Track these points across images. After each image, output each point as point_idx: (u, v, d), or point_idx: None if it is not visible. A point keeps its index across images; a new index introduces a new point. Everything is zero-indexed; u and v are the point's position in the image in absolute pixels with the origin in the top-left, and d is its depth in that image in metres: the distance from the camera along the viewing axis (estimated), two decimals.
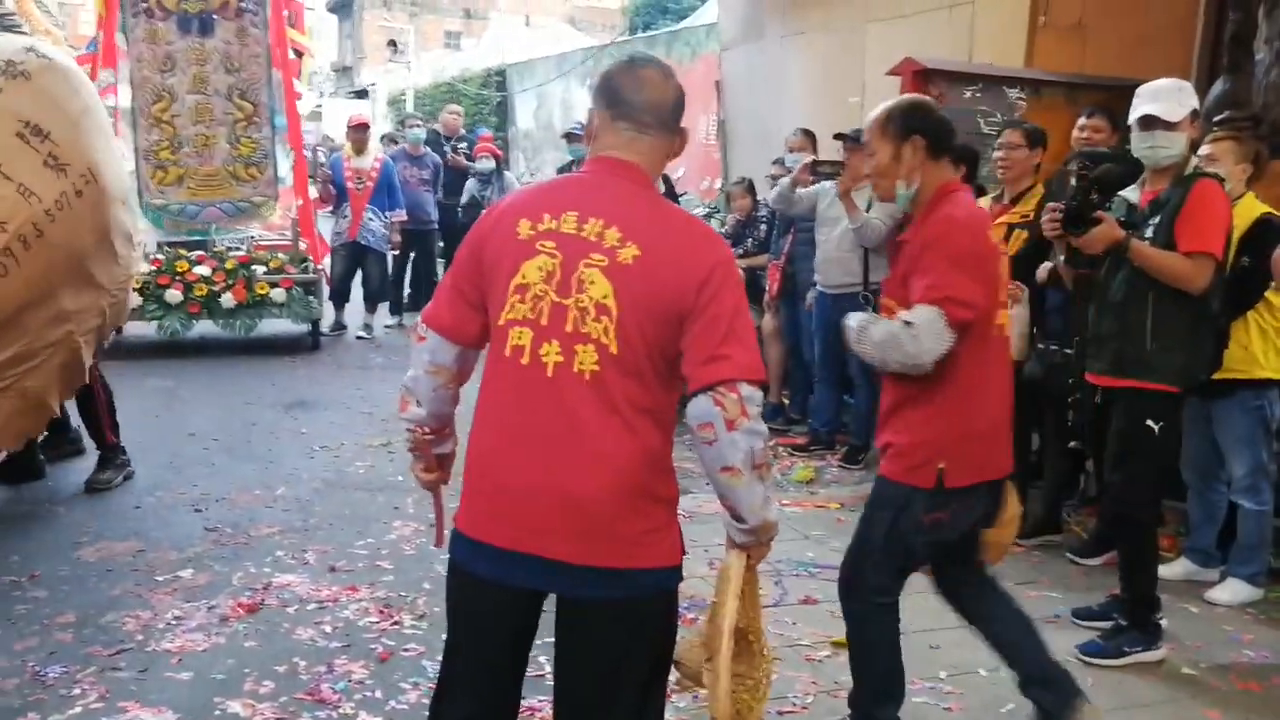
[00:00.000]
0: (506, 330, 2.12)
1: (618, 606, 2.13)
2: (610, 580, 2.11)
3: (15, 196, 4.23)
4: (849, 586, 3.01)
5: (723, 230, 8.52)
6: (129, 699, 3.29)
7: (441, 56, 30.57)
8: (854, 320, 2.90)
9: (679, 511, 2.32)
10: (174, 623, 3.85)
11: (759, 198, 7.66)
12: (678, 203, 7.96)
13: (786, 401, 7.21)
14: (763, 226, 7.38)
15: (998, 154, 5.13)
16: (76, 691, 3.34)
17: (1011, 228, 5.03)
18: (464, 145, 10.82)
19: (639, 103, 2.19)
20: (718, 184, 10.86)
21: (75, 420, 5.63)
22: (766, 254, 7.22)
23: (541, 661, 3.63)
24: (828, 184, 6.08)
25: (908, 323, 2.71)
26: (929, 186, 2.89)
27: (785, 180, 6.35)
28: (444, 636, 3.73)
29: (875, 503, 2.98)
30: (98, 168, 4.58)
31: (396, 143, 11.58)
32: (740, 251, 7.46)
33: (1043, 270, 4.75)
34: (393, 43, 35.21)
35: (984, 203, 5.29)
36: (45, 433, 5.34)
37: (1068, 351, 4.55)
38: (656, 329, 2.07)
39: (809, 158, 6.42)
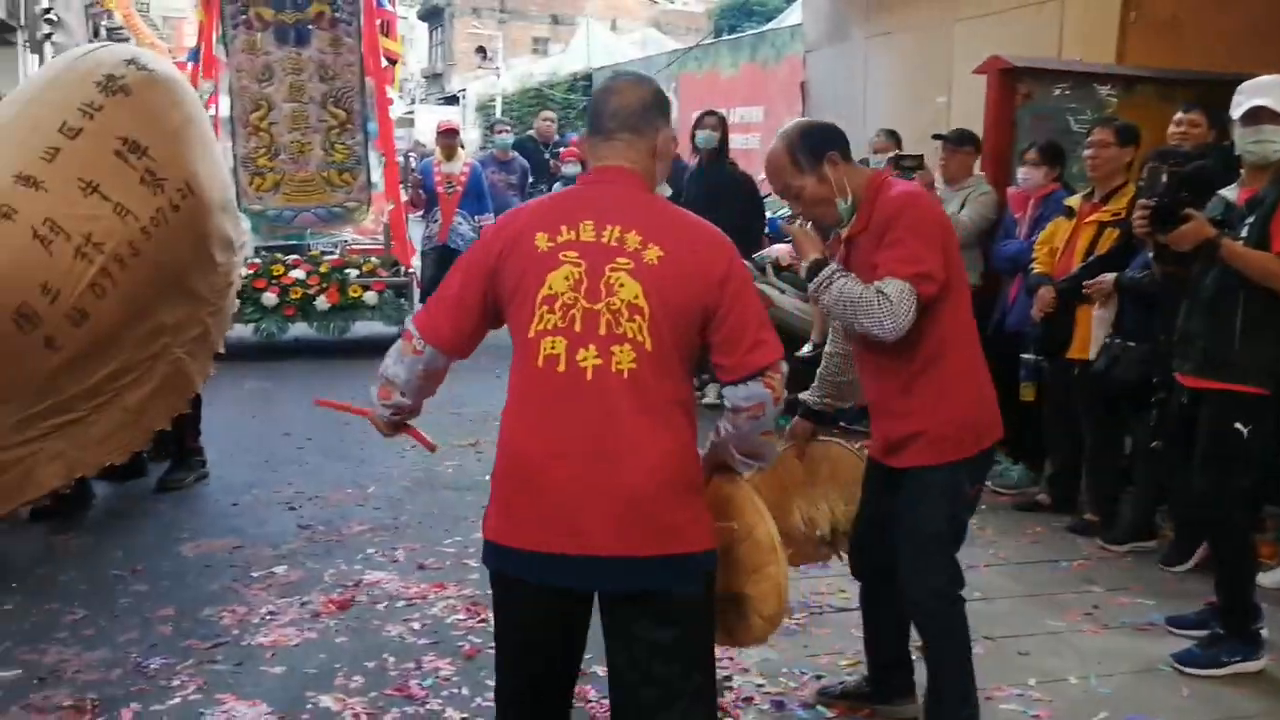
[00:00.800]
0: (538, 342, 2.19)
1: (670, 594, 2.20)
2: (663, 569, 2.17)
3: (112, 216, 4.31)
4: (924, 590, 2.93)
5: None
6: (226, 691, 3.40)
7: (529, 62, 30.89)
8: (825, 269, 2.86)
9: None
10: (268, 618, 3.96)
11: None
12: (763, 204, 7.95)
13: None
14: None
15: (1087, 152, 5.03)
16: (176, 683, 3.45)
17: (1103, 226, 4.92)
18: (561, 150, 10.97)
19: (609, 111, 2.32)
20: None
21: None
22: None
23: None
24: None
25: (882, 292, 2.70)
26: (860, 187, 2.91)
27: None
28: None
29: (922, 496, 2.90)
30: (196, 179, 4.66)
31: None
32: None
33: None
34: (482, 49, 35.69)
35: (1074, 201, 5.18)
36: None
37: (1133, 345, 4.48)
38: (685, 324, 2.20)
39: (888, 158, 6.35)
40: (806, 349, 7.05)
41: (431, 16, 43.15)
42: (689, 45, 16.62)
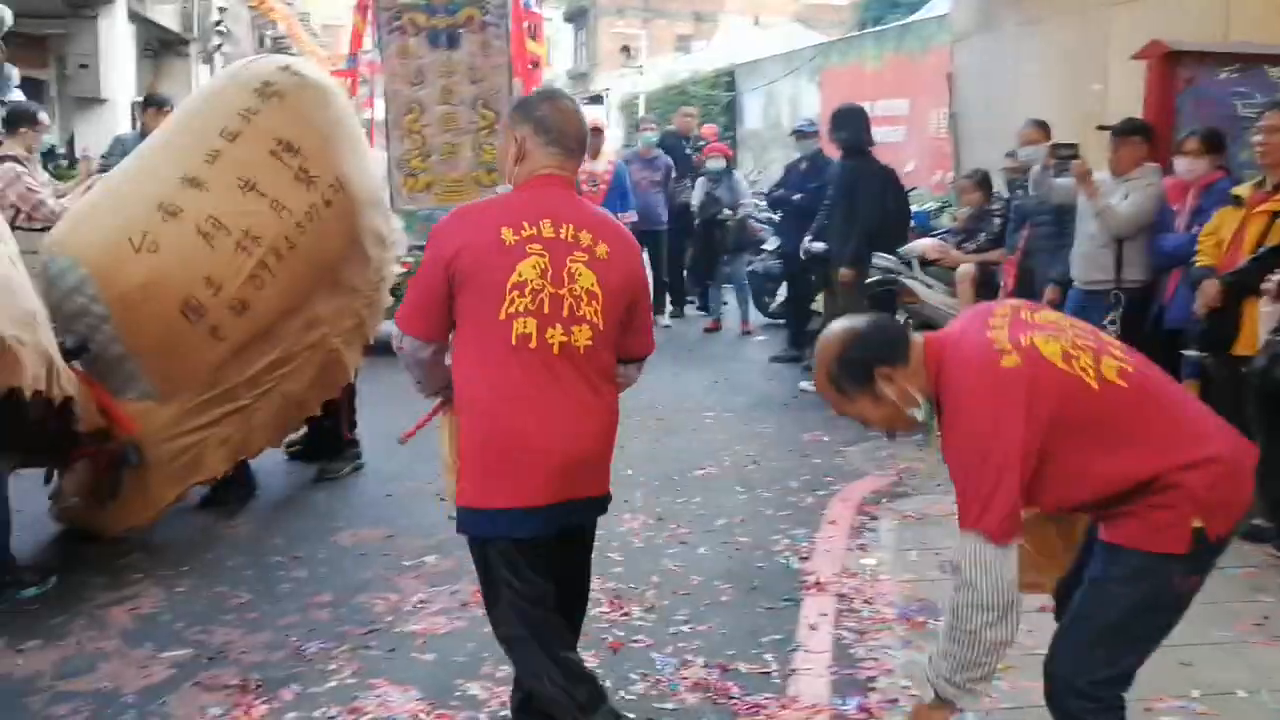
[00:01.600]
0: (509, 323, 2.60)
1: (595, 522, 2.92)
2: (604, 503, 2.87)
3: (269, 212, 4.58)
4: (1071, 685, 2.42)
5: (953, 225, 8.26)
6: (379, 676, 3.52)
7: (672, 60, 30.96)
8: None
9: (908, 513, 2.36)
10: (419, 606, 4.08)
11: (994, 191, 7.40)
12: (906, 198, 7.80)
13: None
14: (996, 221, 7.12)
15: (1257, 138, 4.76)
16: (333, 666, 3.60)
17: (1275, 216, 4.65)
18: (703, 144, 10.97)
19: (570, 133, 2.74)
20: (949, 178, 10.54)
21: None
22: (1001, 249, 6.95)
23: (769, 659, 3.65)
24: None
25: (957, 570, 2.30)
26: (925, 379, 2.41)
27: (1037, 167, 6.10)
28: (670, 630, 3.82)
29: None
30: (346, 176, 4.88)
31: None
32: (973, 247, 7.22)
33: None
34: (626, 48, 35.97)
35: (1242, 190, 4.91)
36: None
37: None
38: (621, 310, 2.73)
39: (1042, 149, 6.15)
40: None
41: (576, 17, 43.67)
42: (833, 39, 16.40)
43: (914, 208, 9.29)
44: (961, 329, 2.44)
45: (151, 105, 8.10)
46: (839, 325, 2.50)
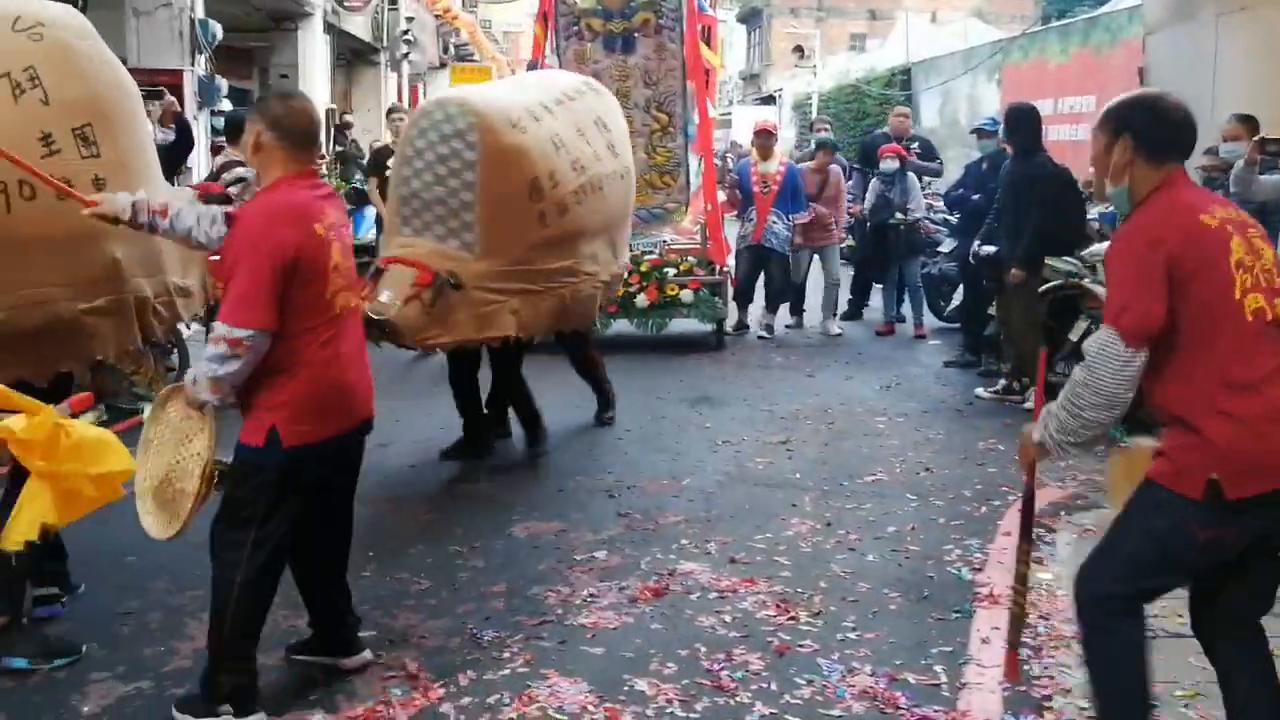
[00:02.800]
0: (334, 299, 3.26)
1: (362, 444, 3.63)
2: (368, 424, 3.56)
3: (591, 155, 5.75)
4: (1087, 590, 2.80)
5: None
6: (550, 667, 3.62)
7: (846, 59, 30.57)
8: None
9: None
10: (589, 600, 4.17)
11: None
12: (1081, 200, 7.49)
13: None
14: None
15: None
16: (506, 655, 3.72)
17: None
18: (915, 145, 10.76)
19: (314, 134, 3.41)
20: None
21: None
22: None
23: (938, 671, 3.59)
24: None
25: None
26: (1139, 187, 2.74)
27: (1240, 164, 5.78)
28: (837, 637, 3.79)
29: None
30: (631, 170, 6.32)
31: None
32: None
33: None
34: (799, 48, 35.70)
35: None
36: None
37: None
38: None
39: (1245, 145, 5.82)
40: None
41: (750, 18, 43.60)
42: (1014, 34, 15.87)
43: (1099, 209, 8.91)
44: (1198, 195, 2.75)
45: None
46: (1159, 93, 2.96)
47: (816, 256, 10.27)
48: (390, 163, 5.94)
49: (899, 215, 9.80)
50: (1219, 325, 2.57)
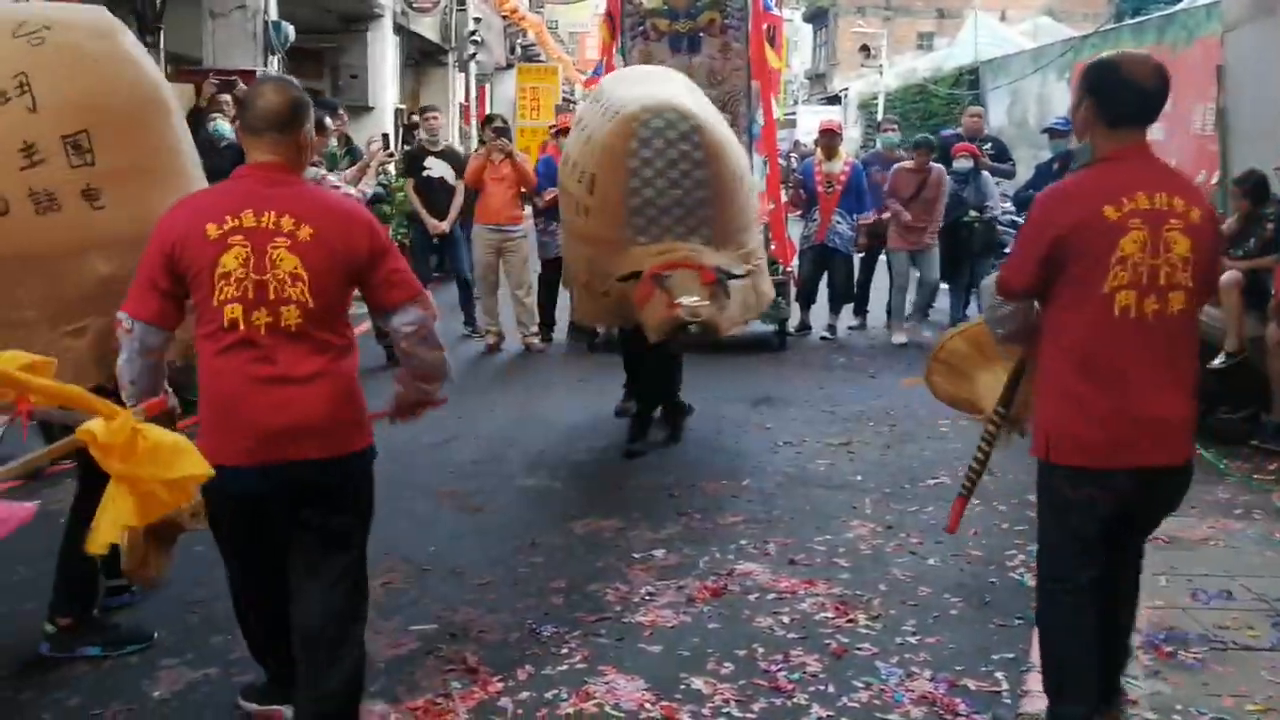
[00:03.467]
0: (221, 309, 2.81)
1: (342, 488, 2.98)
2: (339, 464, 2.93)
3: (737, 146, 5.98)
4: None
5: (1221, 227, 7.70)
6: (608, 664, 3.63)
7: (913, 58, 30.26)
8: None
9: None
10: (647, 598, 4.19)
11: (1272, 194, 6.84)
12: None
13: None
14: (1269, 225, 6.57)
15: None
16: (564, 650, 3.74)
17: None
18: (988, 145, 10.62)
19: (259, 114, 2.89)
20: (1214, 179, 9.82)
21: None
22: (1273, 255, 6.43)
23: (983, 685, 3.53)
24: None
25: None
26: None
27: None
28: (896, 641, 3.77)
29: None
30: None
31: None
32: (1240, 253, 6.71)
33: None
34: (865, 47, 35.39)
35: None
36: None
37: None
38: (338, 283, 2.89)
39: None
40: (1220, 359, 6.43)
41: (816, 18, 43.35)
42: (1085, 32, 15.60)
43: None
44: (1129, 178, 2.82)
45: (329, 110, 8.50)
46: (1132, 57, 3.19)
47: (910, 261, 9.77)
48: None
49: (974, 213, 9.67)
50: (1084, 312, 2.79)
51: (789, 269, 9.49)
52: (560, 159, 6.80)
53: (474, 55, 19.58)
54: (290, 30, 11.42)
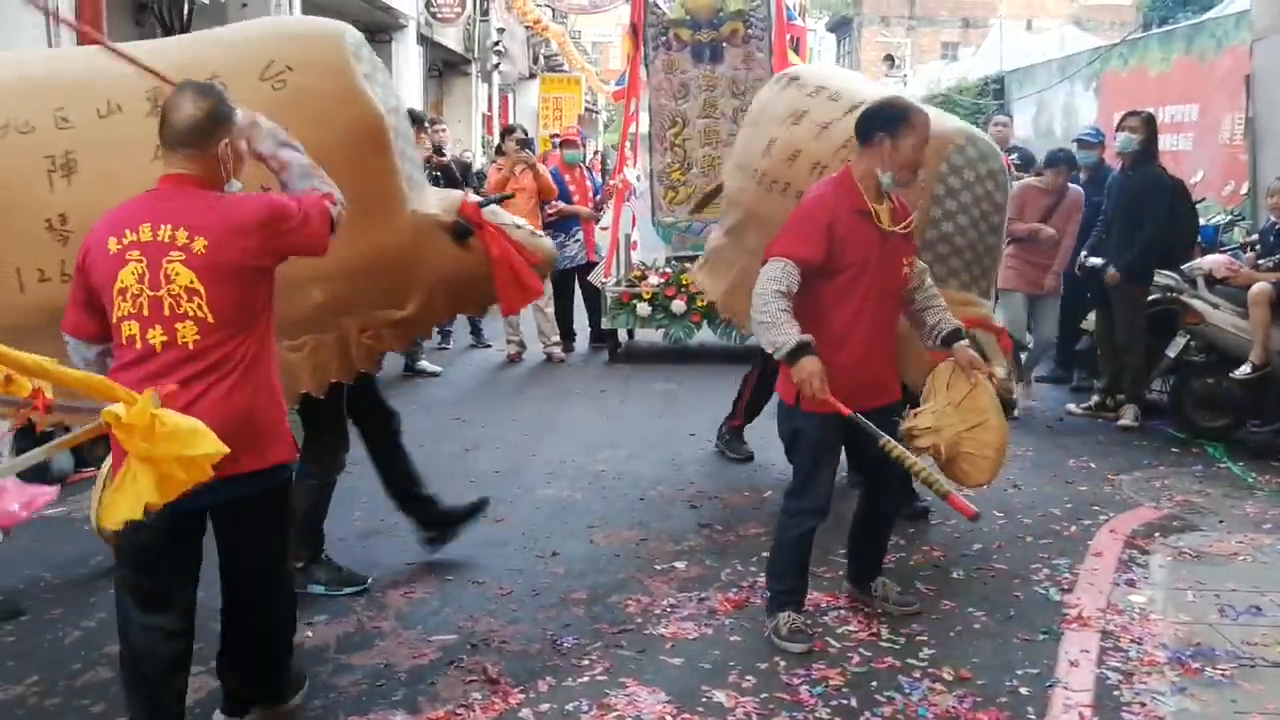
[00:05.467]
0: (120, 325, 2.83)
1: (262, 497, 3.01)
2: (262, 476, 2.96)
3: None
4: None
5: (1249, 239, 7.65)
6: (629, 675, 3.63)
7: (938, 68, 30.15)
8: None
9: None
10: (668, 610, 4.17)
11: None
12: (1195, 211, 7.24)
13: None
14: None
15: None
16: (585, 662, 3.74)
17: None
18: (1014, 156, 10.58)
19: (172, 128, 2.86)
20: (1243, 189, 9.74)
21: None
22: None
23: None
24: None
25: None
26: None
27: None
28: (921, 655, 3.74)
29: None
30: None
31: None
32: (1271, 264, 6.64)
33: None
34: (889, 57, 35.30)
35: None
36: None
37: None
38: (244, 292, 2.85)
39: None
40: (1244, 369, 6.37)
41: (840, 27, 43.29)
42: (1113, 42, 15.51)
43: (1201, 221, 8.64)
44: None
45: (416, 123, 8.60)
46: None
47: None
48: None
49: None
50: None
51: None
52: (742, 149, 5.53)
53: (497, 65, 19.67)
54: None
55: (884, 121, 3.75)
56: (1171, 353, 6.82)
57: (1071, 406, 7.44)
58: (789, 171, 5.01)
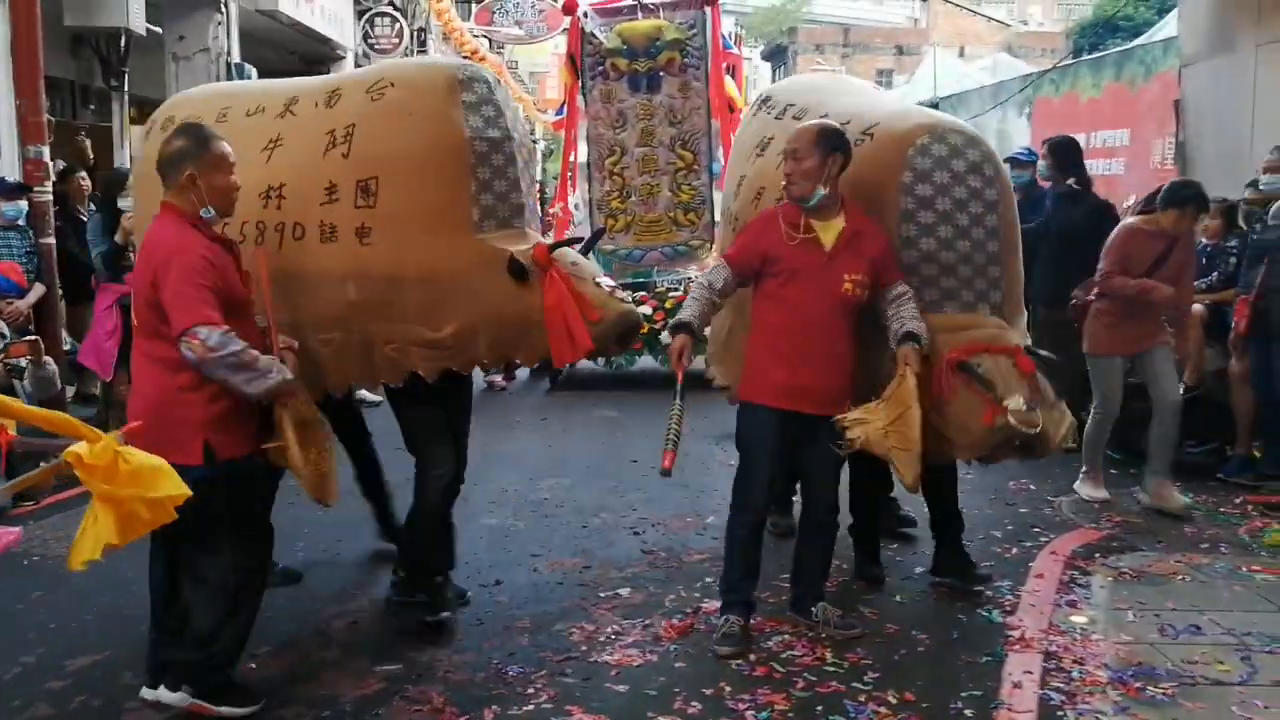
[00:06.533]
0: None
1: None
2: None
3: None
4: None
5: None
6: (574, 704, 3.57)
7: None
8: None
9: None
10: (613, 637, 4.13)
11: (1236, 226, 6.89)
12: (1107, 217, 7.36)
13: (1258, 455, 6.42)
14: (1232, 259, 6.64)
15: None
16: (531, 690, 3.68)
17: None
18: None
19: (159, 162, 3.46)
20: None
21: None
22: (1234, 288, 6.50)
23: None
24: None
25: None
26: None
27: None
28: (865, 678, 3.73)
29: None
30: None
31: None
32: (1204, 285, 6.77)
33: None
34: None
35: None
36: None
37: None
38: (150, 309, 3.34)
39: None
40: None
41: (775, 55, 43.84)
42: (1044, 68, 15.86)
43: None
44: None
45: None
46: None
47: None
48: None
49: None
50: None
51: None
52: (724, 183, 5.53)
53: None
54: (253, 72, 11.42)
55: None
56: None
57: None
58: (755, 211, 4.52)
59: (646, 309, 9.16)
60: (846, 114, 4.47)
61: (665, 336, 3.66)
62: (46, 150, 7.14)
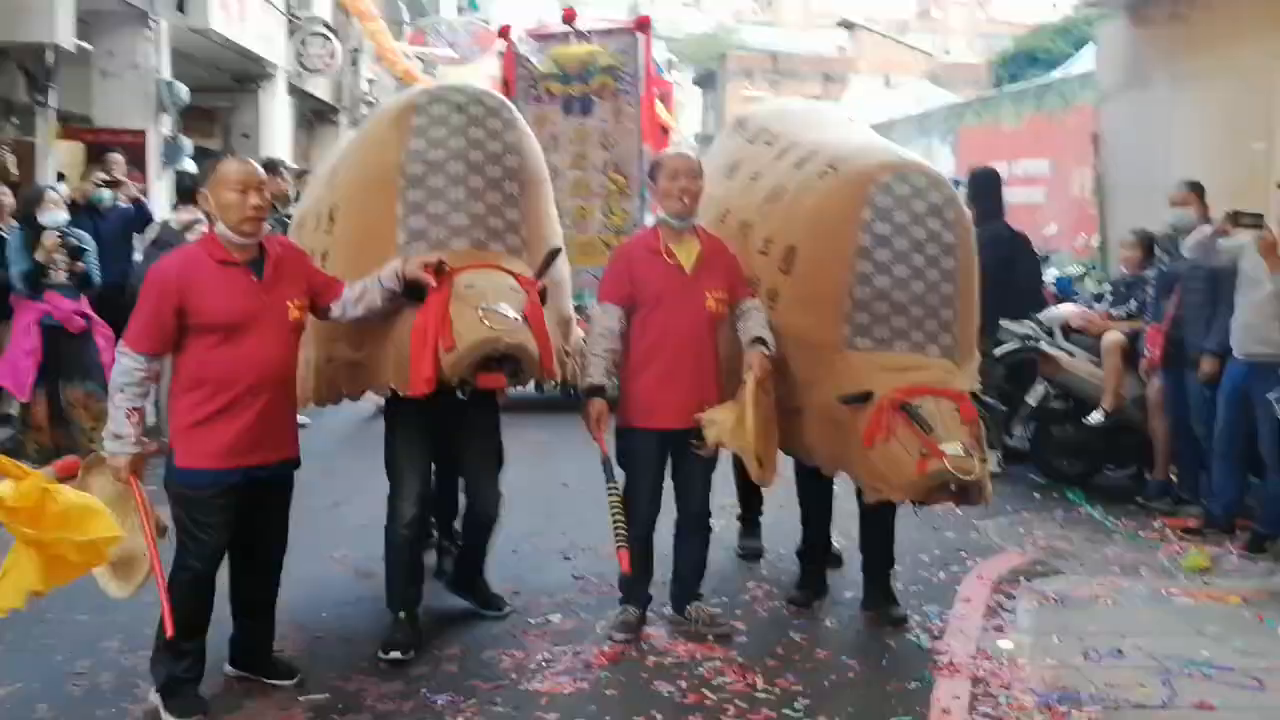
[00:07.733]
0: None
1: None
2: None
3: None
4: None
5: (1102, 289, 8.00)
6: None
7: None
8: None
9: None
10: (544, 664, 4.08)
11: (1155, 256, 7.05)
12: (1038, 263, 7.51)
13: (1174, 479, 6.58)
14: (1149, 289, 6.82)
15: None
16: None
17: None
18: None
19: None
20: (1094, 241, 10.25)
21: None
22: (1146, 318, 6.68)
23: None
24: (1250, 238, 5.51)
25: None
26: None
27: (1207, 229, 5.85)
28: (796, 705, 3.73)
29: None
30: None
31: None
32: (1124, 313, 6.94)
33: None
34: None
35: None
36: None
37: None
38: None
39: (1194, 211, 5.94)
40: (1096, 415, 6.63)
41: (705, 81, 44.32)
42: (967, 98, 16.21)
43: (1055, 273, 9.00)
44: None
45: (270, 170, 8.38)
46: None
47: None
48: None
49: None
50: None
51: None
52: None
53: (366, 116, 19.41)
54: (184, 90, 11.21)
55: (650, 168, 4.47)
56: (1032, 400, 7.03)
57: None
58: (720, 231, 4.60)
59: (580, 332, 9.12)
60: (815, 146, 4.63)
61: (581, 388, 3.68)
62: None
